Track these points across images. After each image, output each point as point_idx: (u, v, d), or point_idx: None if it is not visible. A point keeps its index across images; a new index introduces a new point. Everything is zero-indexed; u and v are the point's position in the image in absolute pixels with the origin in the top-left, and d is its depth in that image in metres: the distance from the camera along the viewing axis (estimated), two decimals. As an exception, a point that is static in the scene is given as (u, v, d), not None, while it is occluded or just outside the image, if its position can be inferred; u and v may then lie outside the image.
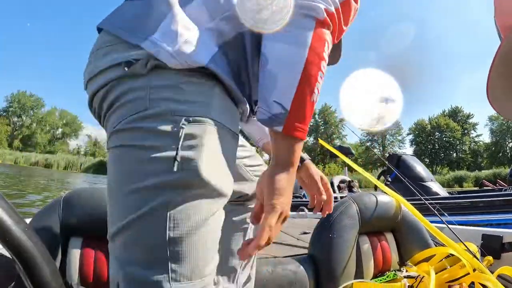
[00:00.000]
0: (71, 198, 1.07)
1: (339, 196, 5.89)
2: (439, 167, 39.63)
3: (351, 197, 1.39)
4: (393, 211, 1.39)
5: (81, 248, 1.02)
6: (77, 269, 0.99)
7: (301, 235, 1.92)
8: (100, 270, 1.00)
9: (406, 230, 1.40)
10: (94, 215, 1.04)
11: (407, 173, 5.21)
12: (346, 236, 1.28)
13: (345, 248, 1.26)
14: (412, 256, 1.33)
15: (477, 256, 1.16)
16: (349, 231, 1.29)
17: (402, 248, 1.38)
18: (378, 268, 1.31)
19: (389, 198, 1.41)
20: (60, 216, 1.02)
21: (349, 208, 1.34)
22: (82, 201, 1.06)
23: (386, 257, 1.33)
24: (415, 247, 1.36)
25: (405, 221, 1.41)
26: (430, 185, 5.16)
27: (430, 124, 42.42)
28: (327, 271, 1.23)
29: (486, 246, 1.45)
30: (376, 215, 1.35)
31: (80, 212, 1.04)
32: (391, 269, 1.30)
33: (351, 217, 1.32)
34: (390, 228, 1.41)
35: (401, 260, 1.35)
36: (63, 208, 1.04)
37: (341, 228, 1.29)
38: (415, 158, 5.79)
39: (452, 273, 1.17)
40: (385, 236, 1.39)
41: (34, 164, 34.28)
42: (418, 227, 1.40)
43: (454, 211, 4.04)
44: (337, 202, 1.40)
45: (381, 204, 1.37)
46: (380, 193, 1.45)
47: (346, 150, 7.37)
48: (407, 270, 1.23)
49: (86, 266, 1.00)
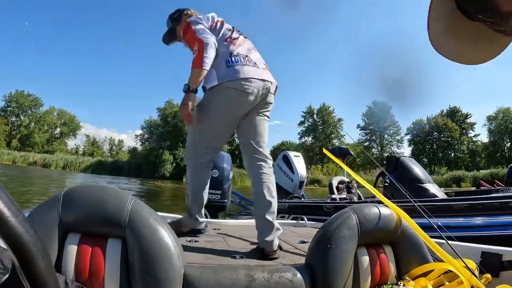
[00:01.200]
0: (71, 194, 1.07)
1: (338, 197, 5.90)
2: (437, 167, 39.67)
3: (352, 208, 1.39)
4: (394, 224, 1.38)
5: (78, 244, 1.02)
6: (72, 265, 0.99)
7: (299, 243, 1.92)
8: (96, 267, 1.00)
9: (406, 244, 1.40)
10: (92, 212, 1.05)
11: (405, 175, 5.22)
12: (345, 247, 1.28)
13: (343, 259, 1.25)
14: (410, 270, 1.33)
15: (476, 273, 1.16)
16: (347, 243, 1.29)
17: (400, 262, 1.38)
18: (375, 281, 1.31)
19: (389, 210, 1.41)
20: (59, 212, 1.02)
21: (349, 219, 1.33)
22: (81, 198, 1.07)
23: (384, 270, 1.33)
24: (414, 261, 1.35)
25: (405, 235, 1.40)
26: (428, 186, 5.17)
27: (428, 124, 42.47)
28: (324, 281, 1.23)
29: (485, 263, 1.45)
30: (376, 228, 1.34)
31: (79, 209, 1.05)
32: (389, 282, 1.30)
33: (351, 228, 1.31)
34: (390, 241, 1.41)
35: (399, 274, 1.34)
36: (63, 203, 1.04)
37: (340, 239, 1.28)
38: (413, 159, 5.81)
39: (449, 289, 1.17)
40: (384, 249, 1.38)
41: (32, 164, 34.15)
42: (417, 241, 1.39)
43: (451, 213, 4.05)
44: (337, 212, 1.40)
45: (382, 216, 1.37)
46: (381, 205, 1.45)
47: (344, 151, 7.39)
48: (404, 284, 1.23)
49: (82, 262, 1.00)
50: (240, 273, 1.20)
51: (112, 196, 1.09)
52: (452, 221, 3.96)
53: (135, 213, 1.07)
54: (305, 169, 7.17)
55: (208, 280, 1.15)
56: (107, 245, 1.04)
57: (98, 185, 1.16)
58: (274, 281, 1.20)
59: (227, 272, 1.20)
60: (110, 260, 1.02)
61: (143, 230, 1.05)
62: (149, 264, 1.03)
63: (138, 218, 1.06)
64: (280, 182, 6.98)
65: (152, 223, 1.08)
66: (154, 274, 1.02)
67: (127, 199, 1.09)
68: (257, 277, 1.20)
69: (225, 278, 1.17)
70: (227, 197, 4.94)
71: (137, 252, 1.03)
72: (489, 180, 12.50)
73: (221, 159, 5.05)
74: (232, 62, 1.81)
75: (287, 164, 7.05)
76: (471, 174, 29.17)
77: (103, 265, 1.00)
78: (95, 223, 1.05)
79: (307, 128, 46.14)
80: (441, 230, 1.44)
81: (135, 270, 1.02)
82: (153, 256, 1.03)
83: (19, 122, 45.63)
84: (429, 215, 1.41)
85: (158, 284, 1.02)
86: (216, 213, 4.89)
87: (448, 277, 1.22)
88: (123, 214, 1.05)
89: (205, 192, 1.99)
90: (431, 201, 4.47)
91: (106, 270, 1.00)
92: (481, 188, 6.57)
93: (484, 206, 3.94)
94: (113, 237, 1.06)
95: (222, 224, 2.59)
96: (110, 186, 1.18)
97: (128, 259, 1.04)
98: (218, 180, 4.84)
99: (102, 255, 1.02)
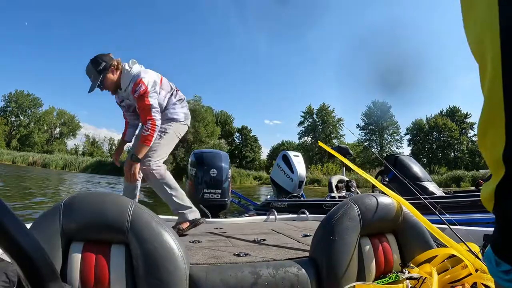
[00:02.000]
0: (71, 202, 1.07)
1: (337, 196, 5.90)
2: (437, 167, 39.67)
3: (352, 199, 1.39)
4: (394, 212, 1.39)
5: (81, 253, 1.03)
6: (78, 274, 0.99)
7: (302, 237, 1.92)
8: (101, 274, 1.01)
9: (408, 231, 1.40)
10: (94, 220, 1.05)
11: (404, 173, 5.20)
12: (348, 238, 1.28)
13: (347, 250, 1.26)
14: (414, 257, 1.33)
15: (479, 256, 1.16)
16: (350, 233, 1.29)
17: (403, 250, 1.38)
18: (380, 269, 1.31)
19: (390, 199, 1.41)
20: (61, 221, 1.03)
21: (350, 210, 1.33)
22: (82, 206, 1.07)
23: (388, 258, 1.33)
24: (417, 248, 1.36)
25: (407, 222, 1.41)
26: (427, 185, 5.18)
27: (428, 124, 42.46)
28: (329, 273, 1.23)
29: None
30: (378, 217, 1.35)
31: (81, 217, 1.05)
32: (393, 270, 1.30)
33: (352, 219, 1.32)
34: (392, 229, 1.41)
35: (403, 262, 1.34)
36: (64, 212, 1.04)
37: (342, 230, 1.29)
38: (412, 158, 5.82)
39: (454, 274, 1.17)
40: (387, 238, 1.39)
41: (32, 164, 34.08)
42: (419, 228, 1.40)
43: (452, 210, 4.05)
44: (338, 204, 1.40)
45: (382, 205, 1.37)
46: (381, 194, 1.45)
47: (344, 151, 7.37)
48: (409, 271, 1.23)
49: (87, 271, 1.00)
50: (245, 271, 1.20)
51: (112, 202, 1.09)
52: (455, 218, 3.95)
53: (136, 218, 1.07)
54: (305, 168, 7.16)
55: (214, 279, 1.15)
56: (111, 252, 1.05)
57: (97, 192, 1.16)
58: (279, 276, 1.21)
59: (232, 271, 1.20)
60: (114, 266, 1.03)
61: (146, 234, 1.06)
62: (154, 267, 1.03)
63: (140, 223, 1.07)
64: (279, 182, 6.97)
65: (155, 227, 1.08)
66: (160, 277, 1.02)
67: (127, 204, 1.09)
68: (262, 274, 1.20)
69: (230, 277, 1.17)
70: (227, 195, 4.93)
71: (141, 257, 1.03)
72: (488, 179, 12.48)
73: (219, 158, 5.04)
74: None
75: (286, 163, 7.03)
76: (471, 173, 29.15)
77: (108, 272, 1.01)
78: (97, 231, 1.05)
79: (307, 128, 46.09)
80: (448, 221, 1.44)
81: (140, 275, 1.03)
82: (158, 259, 1.04)
83: (18, 122, 45.53)
84: (434, 206, 1.41)
85: (164, 286, 1.02)
86: (217, 212, 4.88)
87: (452, 261, 1.23)
88: (125, 220, 1.05)
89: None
90: (437, 198, 4.45)
91: (111, 276, 1.01)
92: (480, 187, 6.54)
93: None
94: (116, 243, 1.07)
95: (223, 222, 2.59)
96: (110, 192, 1.18)
97: (133, 264, 1.04)
98: (217, 179, 4.83)
99: (106, 262, 1.02)
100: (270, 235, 1.99)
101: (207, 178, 4.83)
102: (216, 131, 38.22)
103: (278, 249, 1.62)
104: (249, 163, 44.10)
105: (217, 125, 41.34)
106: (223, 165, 4.93)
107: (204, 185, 4.81)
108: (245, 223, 2.56)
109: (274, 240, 1.85)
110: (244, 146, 45.32)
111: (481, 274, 1.10)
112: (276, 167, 7.17)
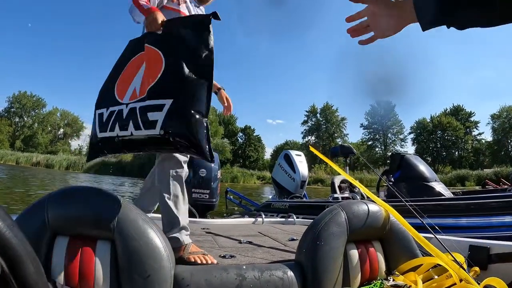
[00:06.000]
0: (57, 196, 1.06)
1: (340, 196, 5.84)
2: (441, 166, 39.48)
3: (340, 205, 1.39)
4: (382, 220, 1.38)
5: (66, 248, 1.01)
6: (62, 269, 0.98)
7: (289, 241, 1.91)
8: (86, 270, 1.00)
9: (394, 239, 1.40)
10: (80, 214, 1.04)
11: (410, 173, 4.98)
12: (334, 244, 1.27)
13: (333, 256, 1.25)
14: (399, 265, 1.32)
15: (464, 266, 1.15)
16: (337, 239, 1.29)
17: (389, 257, 1.38)
18: (365, 276, 1.30)
19: (377, 207, 1.41)
20: (46, 215, 1.01)
21: (338, 216, 1.33)
22: (69, 200, 1.06)
23: (373, 266, 1.32)
24: (403, 256, 1.35)
25: (393, 230, 1.40)
26: (434, 185, 4.99)
27: (432, 123, 42.27)
28: (314, 278, 1.23)
29: (473, 257, 1.45)
30: (365, 224, 1.34)
31: (66, 211, 1.04)
32: (378, 278, 1.29)
33: (340, 225, 1.31)
34: (378, 237, 1.41)
35: (388, 269, 1.34)
36: (49, 206, 1.03)
37: (329, 235, 1.28)
38: (418, 157, 5.55)
39: (438, 283, 1.16)
40: (373, 245, 1.38)
41: (35, 164, 34.40)
42: (406, 236, 1.39)
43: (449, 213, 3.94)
44: (326, 209, 1.39)
45: (370, 213, 1.37)
46: (369, 201, 1.45)
47: (347, 150, 7.28)
48: (394, 279, 1.22)
49: (72, 266, 0.99)
50: (230, 273, 1.19)
51: (100, 198, 1.09)
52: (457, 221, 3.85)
53: (124, 215, 1.06)
54: (307, 168, 7.10)
55: (199, 280, 1.14)
56: (96, 248, 1.04)
57: (85, 187, 1.14)
58: (264, 279, 1.20)
59: (217, 272, 1.19)
60: (99, 262, 1.02)
61: (132, 231, 1.05)
62: (139, 265, 1.02)
63: (127, 220, 1.06)
64: (281, 182, 6.91)
65: (141, 225, 1.08)
66: (144, 275, 1.02)
67: (115, 200, 1.09)
68: (247, 276, 1.19)
69: (215, 278, 1.16)
70: (215, 196, 4.90)
71: (127, 254, 1.03)
72: (493, 179, 12.39)
73: None
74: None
75: (288, 163, 6.96)
76: (475, 173, 29.03)
77: (93, 268, 1.00)
78: (83, 226, 1.04)
79: (310, 127, 46.07)
80: (434, 230, 1.43)
81: (125, 272, 1.02)
82: (143, 257, 1.03)
83: (22, 123, 45.91)
84: (421, 214, 1.40)
85: (148, 284, 1.02)
86: (204, 212, 4.85)
87: (437, 271, 1.22)
88: (112, 216, 1.04)
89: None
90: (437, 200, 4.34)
91: (96, 272, 1.00)
92: (487, 187, 6.40)
93: (491, 205, 3.79)
94: (102, 239, 1.06)
95: (210, 223, 2.58)
96: (98, 188, 1.17)
97: (118, 260, 1.03)
98: (206, 179, 4.79)
99: (91, 257, 1.01)
100: (257, 238, 1.99)
101: (196, 177, 4.80)
102: (219, 131, 38.33)
103: (264, 252, 1.62)
104: (253, 163, 44.11)
105: (220, 124, 41.46)
106: (213, 165, 4.90)
107: (192, 185, 4.77)
108: (232, 225, 2.55)
109: (261, 242, 1.85)
110: (248, 146, 45.34)
111: (465, 284, 1.09)
112: (278, 166, 7.09)
